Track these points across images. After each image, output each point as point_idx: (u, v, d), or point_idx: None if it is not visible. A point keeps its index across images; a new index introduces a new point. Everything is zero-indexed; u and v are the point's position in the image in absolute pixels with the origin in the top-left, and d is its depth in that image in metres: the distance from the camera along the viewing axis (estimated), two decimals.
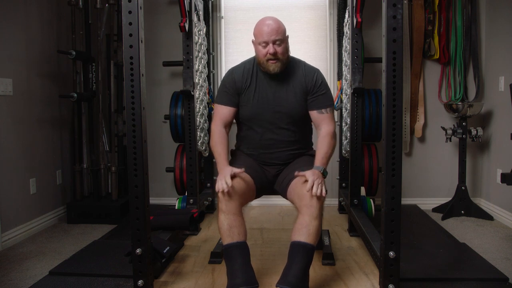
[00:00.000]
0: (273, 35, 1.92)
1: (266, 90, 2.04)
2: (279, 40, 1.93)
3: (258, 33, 1.95)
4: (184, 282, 2.03)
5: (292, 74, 2.05)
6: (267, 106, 2.03)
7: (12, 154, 2.76)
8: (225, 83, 2.10)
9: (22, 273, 2.21)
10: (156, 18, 3.57)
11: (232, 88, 2.07)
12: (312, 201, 1.79)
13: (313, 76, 2.05)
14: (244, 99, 2.06)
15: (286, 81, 2.04)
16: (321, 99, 2.03)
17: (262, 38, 1.93)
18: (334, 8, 3.48)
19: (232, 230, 1.82)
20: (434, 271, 2.08)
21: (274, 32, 1.92)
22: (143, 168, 1.78)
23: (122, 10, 1.73)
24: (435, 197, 3.50)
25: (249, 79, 2.06)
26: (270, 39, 1.92)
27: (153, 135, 3.59)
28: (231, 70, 2.12)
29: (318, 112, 2.03)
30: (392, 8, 1.61)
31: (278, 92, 2.04)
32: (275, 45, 1.93)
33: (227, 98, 2.08)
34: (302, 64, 2.09)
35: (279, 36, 1.93)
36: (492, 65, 3.27)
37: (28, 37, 2.94)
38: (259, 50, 1.98)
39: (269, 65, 1.97)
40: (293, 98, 2.03)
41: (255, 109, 2.04)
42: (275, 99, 2.03)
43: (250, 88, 2.05)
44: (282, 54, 1.96)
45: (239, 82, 2.06)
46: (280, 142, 2.07)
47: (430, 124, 3.52)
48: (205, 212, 3.06)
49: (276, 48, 1.93)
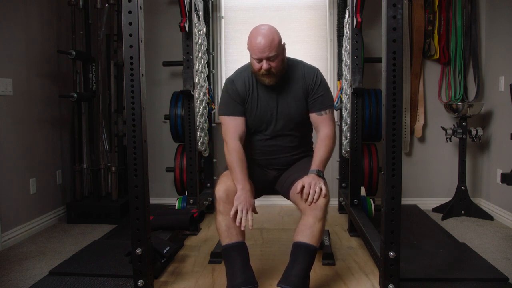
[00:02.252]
0: (265, 52, 1.82)
1: (268, 98, 1.99)
2: (272, 56, 1.83)
3: (251, 48, 1.87)
4: (184, 282, 2.03)
5: (291, 77, 2.00)
6: (270, 114, 1.99)
7: (12, 154, 2.76)
8: (228, 93, 1.99)
9: (22, 273, 2.21)
10: (156, 18, 3.57)
11: (238, 97, 1.98)
12: (316, 203, 1.78)
13: (312, 76, 1.99)
14: (247, 107, 2.00)
15: (286, 86, 1.99)
16: (320, 101, 1.99)
17: (255, 54, 1.84)
18: (334, 8, 3.47)
19: (230, 231, 1.82)
20: (434, 271, 2.08)
21: (266, 50, 1.81)
22: (143, 168, 1.78)
23: (122, 10, 1.73)
24: (435, 197, 3.50)
25: (250, 88, 1.99)
26: (262, 56, 1.82)
27: (153, 135, 3.59)
28: (230, 79, 2.02)
29: (318, 114, 1.99)
30: (392, 8, 1.61)
31: (280, 99, 1.98)
32: (269, 61, 1.84)
33: (236, 109, 1.97)
34: (301, 65, 2.03)
35: (272, 53, 1.82)
36: (492, 65, 3.27)
37: (28, 37, 2.94)
38: (253, 64, 1.90)
39: (264, 79, 1.91)
40: (294, 103, 1.99)
41: (258, 117, 2.00)
42: (278, 106, 1.98)
43: (253, 96, 1.99)
44: (276, 68, 1.87)
45: (242, 91, 1.98)
46: (282, 148, 2.04)
47: (430, 124, 3.52)
48: (205, 212, 3.06)
49: (270, 63, 1.84)
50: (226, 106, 2.00)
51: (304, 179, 1.84)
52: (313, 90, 1.99)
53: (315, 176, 1.85)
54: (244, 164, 1.91)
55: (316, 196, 1.78)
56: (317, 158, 1.93)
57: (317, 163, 1.91)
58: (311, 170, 1.89)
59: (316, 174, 1.86)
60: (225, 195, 1.85)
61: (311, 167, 1.91)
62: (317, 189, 1.79)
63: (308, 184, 1.80)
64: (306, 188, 1.80)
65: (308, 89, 1.99)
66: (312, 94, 1.99)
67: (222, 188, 1.87)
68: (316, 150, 1.96)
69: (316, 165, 1.90)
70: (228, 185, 1.88)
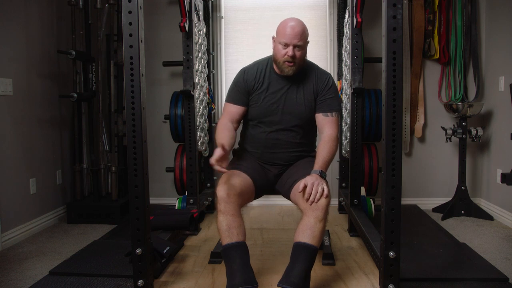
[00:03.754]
0: (295, 39, 1.91)
1: (277, 91, 2.04)
2: (300, 45, 1.93)
3: (281, 33, 1.94)
4: (184, 282, 2.03)
5: (304, 77, 2.06)
6: (277, 107, 2.04)
7: (12, 154, 2.76)
8: (236, 82, 2.10)
9: (22, 273, 2.21)
10: (156, 18, 3.57)
11: (243, 88, 2.07)
12: (318, 204, 1.79)
13: (325, 79, 2.07)
14: (254, 98, 2.07)
15: (298, 84, 2.05)
16: (328, 102, 2.04)
17: (285, 38, 1.92)
18: (334, 8, 3.47)
19: (231, 231, 1.82)
20: (434, 271, 2.09)
21: (297, 36, 1.91)
22: (143, 168, 1.78)
23: (122, 10, 1.73)
24: (435, 197, 3.50)
25: (261, 80, 2.06)
26: (292, 42, 1.92)
27: (153, 135, 3.59)
28: (243, 69, 2.12)
29: (324, 115, 2.03)
30: (392, 8, 1.61)
31: (289, 94, 2.04)
32: (295, 48, 1.93)
33: (237, 97, 2.08)
34: (315, 67, 2.11)
35: (301, 42, 1.93)
36: (492, 65, 3.27)
37: (28, 37, 2.94)
38: (278, 49, 1.97)
39: (285, 67, 1.98)
40: (303, 101, 2.04)
41: (264, 109, 2.05)
42: (286, 101, 2.04)
43: (262, 88, 2.05)
44: (299, 58, 1.97)
45: (251, 82, 2.06)
46: (284, 142, 2.07)
47: (430, 124, 3.52)
48: (205, 212, 3.06)
49: (296, 52, 1.93)
50: (231, 94, 2.12)
51: (307, 179, 1.84)
52: (323, 92, 2.05)
53: (317, 177, 1.86)
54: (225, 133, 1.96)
55: (318, 196, 1.79)
56: (320, 159, 1.94)
57: (320, 164, 1.92)
58: (314, 171, 1.90)
59: (319, 174, 1.87)
60: (226, 194, 1.86)
61: (314, 167, 1.92)
62: (319, 189, 1.80)
63: (311, 184, 1.81)
64: (308, 187, 1.81)
65: (318, 90, 2.05)
66: (322, 95, 2.05)
67: (223, 188, 1.87)
68: (319, 151, 1.97)
69: (319, 166, 1.91)
70: (229, 185, 1.89)
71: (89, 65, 3.23)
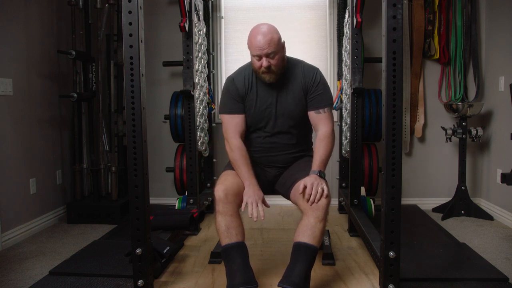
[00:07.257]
0: (265, 49, 1.85)
1: (267, 95, 2.01)
2: (272, 52, 1.86)
3: (251, 46, 1.90)
4: (184, 282, 2.03)
5: (291, 76, 2.01)
6: (270, 112, 2.01)
7: (12, 154, 2.76)
8: (229, 91, 2.03)
9: (22, 273, 2.21)
10: (156, 18, 3.57)
11: (237, 95, 2.02)
12: (318, 204, 1.79)
13: (312, 75, 2.01)
14: (247, 104, 2.03)
15: (286, 85, 2.01)
16: (318, 99, 2.00)
17: (255, 51, 1.88)
18: (334, 8, 3.47)
19: (230, 231, 1.82)
20: (434, 271, 2.09)
21: (266, 46, 1.85)
22: (143, 168, 1.78)
23: (122, 10, 1.73)
24: (435, 197, 3.50)
25: (249, 86, 2.02)
26: (262, 53, 1.86)
27: (153, 135, 3.59)
28: (231, 78, 2.06)
29: (316, 113, 2.00)
30: (392, 8, 1.61)
31: (279, 96, 2.01)
32: (268, 58, 1.88)
33: (235, 106, 2.01)
34: (300, 64, 2.05)
35: (271, 49, 1.86)
36: (492, 65, 3.27)
37: (28, 37, 2.94)
38: (253, 62, 1.94)
39: (264, 77, 1.94)
40: (293, 101, 2.00)
41: (257, 115, 2.02)
42: (277, 104, 2.01)
43: (252, 94, 2.02)
44: (276, 65, 1.91)
45: (242, 89, 2.01)
46: (281, 145, 2.05)
47: (430, 124, 3.52)
48: (205, 212, 3.06)
49: (270, 61, 1.88)
50: (226, 104, 2.04)
51: (306, 179, 1.84)
52: (312, 88, 2.01)
53: (317, 177, 1.86)
54: (247, 160, 1.98)
55: (318, 197, 1.79)
56: (317, 158, 1.93)
57: (318, 164, 1.92)
58: (313, 171, 1.90)
59: (318, 174, 1.87)
60: (224, 195, 1.85)
61: (312, 168, 1.92)
62: (319, 189, 1.80)
63: (311, 185, 1.81)
64: (308, 188, 1.81)
65: (307, 87, 2.01)
66: (311, 92, 2.01)
67: (221, 188, 1.87)
68: (316, 150, 1.96)
69: (317, 166, 1.91)
70: (227, 185, 1.89)
71: (89, 65, 3.23)
